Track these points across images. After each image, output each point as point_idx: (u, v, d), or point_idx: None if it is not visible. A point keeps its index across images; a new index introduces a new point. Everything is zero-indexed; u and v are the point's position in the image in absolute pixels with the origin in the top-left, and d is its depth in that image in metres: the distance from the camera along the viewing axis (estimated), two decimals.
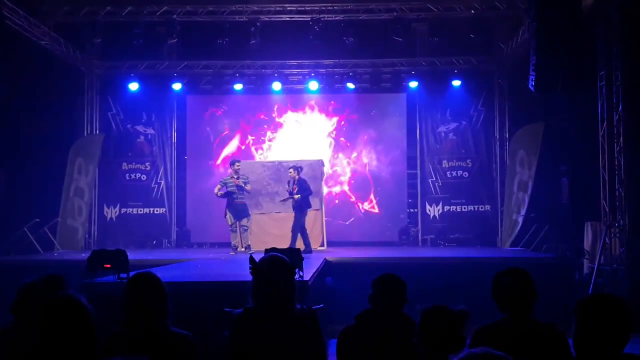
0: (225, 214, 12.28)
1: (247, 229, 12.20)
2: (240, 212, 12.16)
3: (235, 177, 12.19)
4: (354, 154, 15.47)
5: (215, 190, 12.33)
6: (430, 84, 14.89)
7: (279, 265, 3.34)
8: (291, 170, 12.44)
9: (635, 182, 10.45)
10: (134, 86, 14.96)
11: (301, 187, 12.27)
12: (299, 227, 12.13)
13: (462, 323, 2.88)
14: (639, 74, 10.42)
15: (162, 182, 15.43)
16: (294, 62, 15.06)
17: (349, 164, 15.49)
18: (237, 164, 12.38)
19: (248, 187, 12.26)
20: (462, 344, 2.83)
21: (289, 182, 12.49)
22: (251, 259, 3.42)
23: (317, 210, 13.66)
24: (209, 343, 3.92)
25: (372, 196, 15.29)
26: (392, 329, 3.56)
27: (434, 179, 15.32)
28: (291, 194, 12.32)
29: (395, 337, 3.50)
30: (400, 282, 3.78)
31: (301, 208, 12.24)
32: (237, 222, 12.18)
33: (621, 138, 10.58)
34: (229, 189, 12.14)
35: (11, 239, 12.34)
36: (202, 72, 15.25)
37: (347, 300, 8.42)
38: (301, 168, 12.60)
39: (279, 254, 3.45)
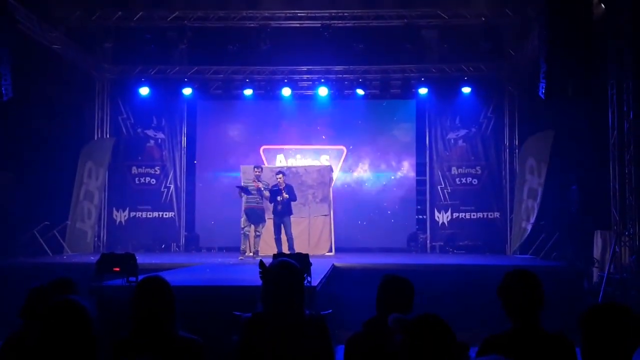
0: (242, 216, 12.26)
1: (260, 235, 12.17)
2: (257, 217, 12.09)
3: (257, 181, 12.15)
4: (363, 162, 15.48)
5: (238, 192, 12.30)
6: (440, 90, 14.88)
7: (289, 270, 3.35)
8: (280, 175, 12.42)
9: None
10: (144, 90, 15.03)
11: (290, 192, 12.31)
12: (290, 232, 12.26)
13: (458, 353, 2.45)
14: None
15: (172, 186, 15.48)
16: (304, 68, 15.08)
17: (357, 171, 15.50)
18: (257, 169, 12.35)
19: (266, 194, 12.14)
20: None
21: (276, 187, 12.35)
22: (261, 264, 3.44)
23: (325, 215, 13.66)
24: (217, 347, 3.93)
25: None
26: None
27: (443, 185, 15.30)
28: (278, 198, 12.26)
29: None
30: (404, 284, 3.72)
31: (290, 213, 12.30)
32: (252, 227, 12.15)
33: (632, 147, 10.53)
34: (250, 191, 12.07)
35: (21, 241, 12.41)
36: (212, 78, 15.30)
37: (355, 306, 8.40)
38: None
39: (289, 259, 3.47)
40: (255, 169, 12.32)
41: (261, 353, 3.20)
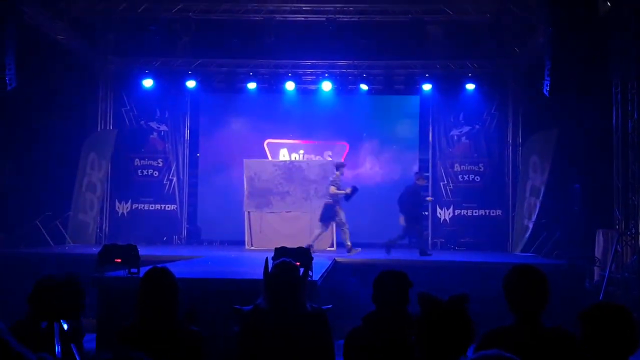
0: (341, 212, 12.18)
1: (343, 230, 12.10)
2: (331, 214, 12.14)
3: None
4: (365, 158, 15.46)
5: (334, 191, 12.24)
6: (444, 87, 14.85)
7: (287, 272, 3.41)
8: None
9: None
10: (148, 82, 15.02)
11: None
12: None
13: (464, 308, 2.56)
14: None
15: (174, 178, 15.48)
16: (308, 62, 15.05)
17: (361, 166, 15.48)
18: (341, 167, 12.32)
19: (348, 190, 12.04)
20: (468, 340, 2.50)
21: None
22: (266, 263, 3.50)
23: None
24: (218, 339, 3.94)
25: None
26: (398, 330, 3.54)
27: (446, 182, 15.27)
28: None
29: (400, 338, 3.48)
30: (400, 279, 3.71)
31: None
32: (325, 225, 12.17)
33: (635, 146, 10.51)
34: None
35: (23, 231, 12.43)
36: (216, 70, 15.28)
37: (356, 301, 8.42)
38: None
39: (290, 260, 3.51)
40: (340, 168, 12.23)
41: (262, 345, 3.22)
